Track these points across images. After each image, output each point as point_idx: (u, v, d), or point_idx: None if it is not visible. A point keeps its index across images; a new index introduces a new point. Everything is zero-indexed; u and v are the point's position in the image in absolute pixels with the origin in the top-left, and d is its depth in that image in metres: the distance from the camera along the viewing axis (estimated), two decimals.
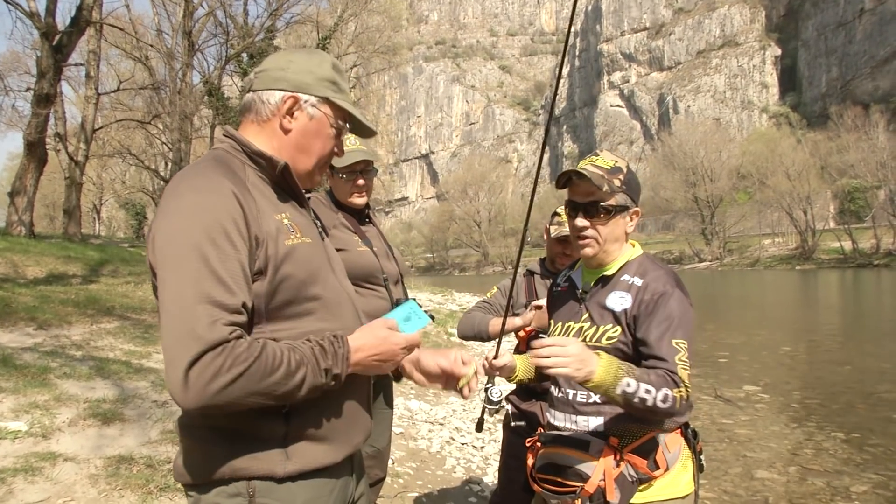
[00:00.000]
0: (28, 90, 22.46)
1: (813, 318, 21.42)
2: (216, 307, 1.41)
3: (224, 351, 1.38)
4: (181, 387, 1.37)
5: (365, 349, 1.62)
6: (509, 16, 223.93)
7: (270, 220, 1.57)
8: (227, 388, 1.38)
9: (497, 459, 5.80)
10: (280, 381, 1.45)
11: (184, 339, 1.38)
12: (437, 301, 22.00)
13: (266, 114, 1.71)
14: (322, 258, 1.72)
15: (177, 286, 1.43)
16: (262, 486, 1.53)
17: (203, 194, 1.50)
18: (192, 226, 1.46)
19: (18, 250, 13.93)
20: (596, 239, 2.23)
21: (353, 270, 3.00)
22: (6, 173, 68.84)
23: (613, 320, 2.19)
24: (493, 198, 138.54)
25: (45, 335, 7.67)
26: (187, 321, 1.39)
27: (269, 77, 1.71)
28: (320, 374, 1.51)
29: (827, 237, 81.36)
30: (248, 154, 1.67)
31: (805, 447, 6.86)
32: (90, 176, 43.96)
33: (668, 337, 2.07)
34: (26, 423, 4.69)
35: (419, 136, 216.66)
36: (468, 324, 3.45)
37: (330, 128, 1.75)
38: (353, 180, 3.17)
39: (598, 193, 2.19)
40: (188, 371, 1.36)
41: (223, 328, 1.40)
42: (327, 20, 34.42)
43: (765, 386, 9.96)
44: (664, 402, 1.96)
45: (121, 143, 36.30)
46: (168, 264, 1.46)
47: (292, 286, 1.58)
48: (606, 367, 1.95)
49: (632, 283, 2.22)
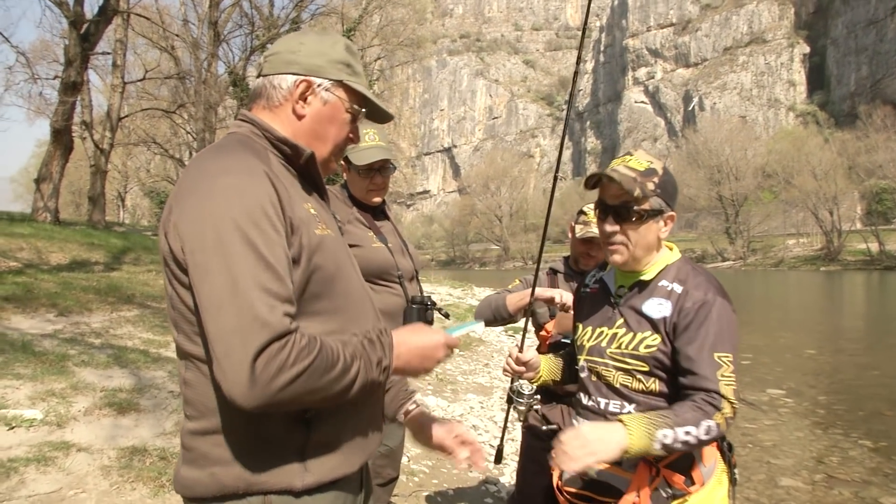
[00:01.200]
0: (56, 78, 22.63)
1: (838, 321, 21.09)
2: (271, 296, 1.29)
3: (289, 343, 1.28)
4: (247, 380, 1.24)
5: (407, 343, 1.55)
6: (534, 10, 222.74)
7: (300, 209, 1.47)
8: (292, 384, 1.28)
9: (514, 459, 5.72)
10: (338, 378, 1.36)
11: (246, 327, 1.25)
12: (457, 295, 21.91)
13: (278, 99, 1.61)
14: (345, 254, 1.64)
15: (225, 272, 1.29)
16: (278, 501, 1.42)
17: (238, 175, 1.39)
18: (232, 208, 1.33)
19: (43, 236, 14.04)
20: (626, 245, 2.09)
21: (368, 267, 2.92)
22: (33, 160, 69.82)
23: (652, 328, 2.06)
24: (515, 192, 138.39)
25: (66, 322, 7.69)
26: (247, 307, 1.26)
27: (279, 60, 1.62)
28: (373, 368, 1.45)
29: (853, 238, 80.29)
30: (271, 140, 1.57)
31: (831, 454, 6.70)
32: (115, 164, 44.42)
33: (710, 350, 1.94)
34: (42, 410, 4.68)
35: (442, 129, 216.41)
36: (485, 306, 3.33)
37: (345, 113, 1.65)
38: (370, 178, 3.08)
39: (629, 196, 2.05)
40: (254, 362, 1.24)
41: (283, 318, 1.29)
42: (352, 12, 34.38)
43: (789, 390, 9.77)
44: (708, 434, 1.86)
45: (146, 131, 36.61)
46: (209, 249, 1.31)
47: (322, 278, 1.49)
48: (637, 431, 1.84)
49: (671, 290, 2.08)
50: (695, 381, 1.93)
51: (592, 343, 2.17)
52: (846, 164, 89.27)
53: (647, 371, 2.03)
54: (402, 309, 2.99)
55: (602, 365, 2.13)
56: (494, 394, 8.35)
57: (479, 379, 9.28)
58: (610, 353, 2.11)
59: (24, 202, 69.58)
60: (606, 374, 2.12)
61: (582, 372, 2.21)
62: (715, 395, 1.89)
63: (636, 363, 2.05)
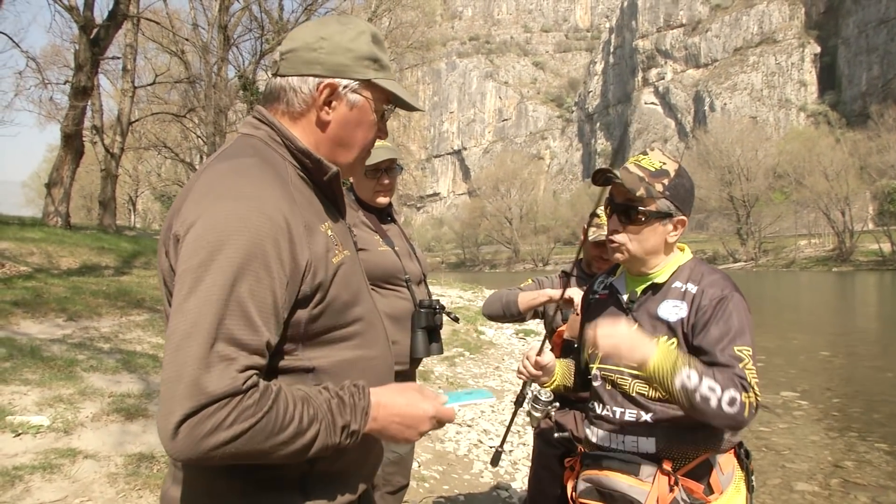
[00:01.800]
0: (66, 83, 22.74)
1: (851, 322, 20.89)
2: (234, 346, 1.18)
3: (230, 403, 1.16)
4: (168, 437, 1.14)
5: (388, 407, 1.38)
6: (543, 12, 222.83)
7: (318, 237, 1.36)
8: (226, 445, 1.16)
9: (525, 465, 5.65)
10: (288, 441, 1.23)
11: (183, 385, 1.14)
12: (467, 298, 21.83)
13: (299, 105, 1.46)
14: (359, 274, 1.53)
15: (195, 313, 1.18)
16: None
17: (245, 203, 1.26)
18: (228, 242, 1.21)
19: (54, 241, 14.06)
20: (626, 246, 2.03)
21: (374, 271, 2.87)
22: (44, 165, 70.25)
23: (668, 331, 1.99)
24: (525, 194, 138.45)
25: (75, 327, 7.68)
26: (193, 365, 1.15)
27: (298, 60, 1.45)
28: (335, 433, 1.29)
29: (865, 239, 79.79)
30: (292, 151, 1.44)
31: (847, 458, 6.59)
32: (126, 168, 44.63)
33: (730, 344, 1.88)
34: (49, 417, 4.65)
35: (451, 131, 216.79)
36: (495, 301, 3.24)
37: (373, 113, 1.51)
38: (377, 179, 3.03)
39: (633, 196, 1.99)
40: (180, 424, 1.13)
41: (236, 375, 1.17)
42: (362, 15, 34.42)
43: (803, 392, 9.66)
44: (731, 406, 1.77)
45: (156, 135, 36.70)
46: (188, 282, 1.21)
47: (337, 309, 1.39)
48: (665, 353, 1.80)
49: (685, 290, 2.02)
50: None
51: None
52: (858, 164, 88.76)
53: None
54: (411, 313, 2.94)
55: (617, 373, 2.06)
56: (506, 397, 8.28)
57: (490, 382, 9.21)
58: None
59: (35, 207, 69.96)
60: (622, 382, 2.05)
61: (595, 381, 2.14)
62: (744, 380, 1.82)
63: None
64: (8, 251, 11.57)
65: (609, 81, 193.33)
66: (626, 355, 1.82)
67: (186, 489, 1.37)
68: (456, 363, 10.01)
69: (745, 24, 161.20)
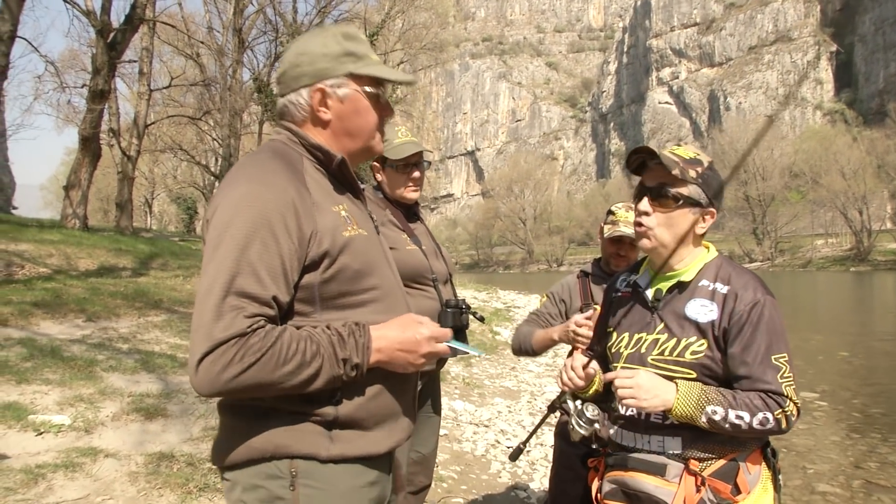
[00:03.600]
0: (83, 86, 22.87)
1: (870, 322, 20.67)
2: (243, 297, 1.43)
3: (237, 343, 1.40)
4: (193, 374, 1.41)
5: (388, 338, 1.58)
6: (556, 12, 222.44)
7: (327, 214, 1.58)
8: (239, 376, 1.40)
9: (543, 465, 5.64)
10: (294, 371, 1.45)
11: (202, 332, 1.41)
12: (482, 299, 21.80)
13: (301, 115, 1.71)
14: (378, 251, 1.72)
15: (212, 275, 1.45)
16: (304, 467, 1.51)
17: (254, 184, 1.52)
18: (238, 215, 1.47)
19: (72, 242, 14.16)
20: (654, 231, 2.00)
21: (403, 270, 2.84)
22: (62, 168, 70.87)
23: (697, 332, 1.95)
24: (539, 195, 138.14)
25: (94, 327, 7.74)
26: (209, 316, 1.41)
27: (289, 78, 1.70)
28: (338, 365, 1.50)
29: (883, 238, 79.02)
30: (306, 147, 1.68)
31: (869, 460, 6.52)
32: (142, 170, 44.92)
33: (767, 354, 1.88)
34: (70, 416, 4.69)
35: (465, 132, 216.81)
36: (517, 340, 3.39)
37: (365, 99, 1.71)
38: (407, 173, 3.02)
39: (668, 177, 1.98)
40: (200, 362, 1.39)
41: (244, 320, 1.41)
42: (375, 17, 34.52)
43: (822, 393, 9.56)
44: (762, 425, 1.85)
45: (172, 138, 36.93)
46: (209, 251, 1.48)
47: (347, 277, 1.59)
48: (686, 398, 1.83)
49: (714, 290, 1.98)
50: (754, 385, 1.88)
51: (631, 350, 2.06)
52: (875, 162, 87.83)
53: (694, 378, 1.94)
54: (437, 313, 2.93)
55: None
56: (522, 398, 8.26)
57: (506, 382, 9.19)
58: (652, 360, 2.00)
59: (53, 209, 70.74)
60: None
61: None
62: (779, 397, 1.86)
63: (682, 370, 1.95)
64: (28, 253, 11.67)
65: (623, 81, 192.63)
66: (647, 406, 1.87)
67: (227, 435, 1.57)
68: (472, 364, 10.00)
69: (759, 23, 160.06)
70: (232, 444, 1.54)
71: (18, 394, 5.04)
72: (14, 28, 12.67)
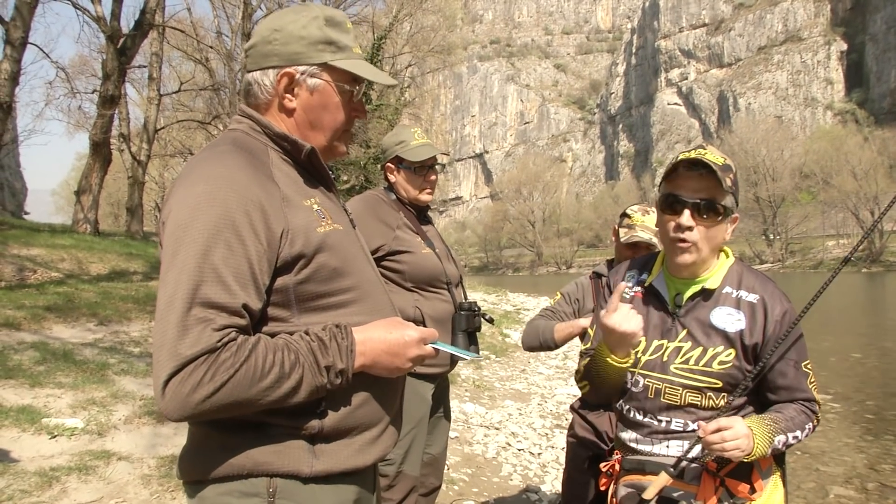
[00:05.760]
0: (94, 92, 23.08)
1: (883, 324, 20.52)
2: (209, 308, 1.28)
3: (207, 360, 1.25)
4: (159, 397, 1.26)
5: (372, 340, 1.44)
6: (564, 14, 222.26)
7: (299, 210, 1.44)
8: (211, 397, 1.26)
9: (555, 467, 5.63)
10: (272, 386, 1.31)
11: (166, 350, 1.26)
12: (492, 301, 21.80)
13: (264, 96, 1.55)
14: (356, 246, 1.59)
15: (173, 284, 1.29)
16: (284, 486, 1.39)
17: (214, 183, 1.35)
18: (197, 216, 1.32)
19: (83, 247, 14.25)
20: (698, 245, 1.89)
21: (420, 274, 2.88)
22: (73, 173, 71.27)
23: (725, 342, 1.89)
24: (548, 197, 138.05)
25: (106, 331, 7.78)
26: (173, 331, 1.26)
27: (258, 54, 1.54)
28: (320, 373, 1.36)
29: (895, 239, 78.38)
30: (271, 136, 1.53)
31: (883, 462, 6.47)
32: (152, 175, 45.08)
33: (798, 362, 1.94)
34: (83, 419, 4.71)
35: (473, 135, 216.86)
36: (532, 333, 3.28)
37: (337, 95, 1.56)
38: (424, 176, 3.03)
39: (716, 190, 1.86)
40: (166, 384, 1.25)
41: (212, 334, 1.27)
42: (382, 21, 34.55)
43: (835, 395, 9.50)
44: (806, 436, 1.95)
45: (182, 143, 37.13)
46: (166, 258, 1.33)
47: (325, 276, 1.45)
48: (762, 439, 1.83)
49: (740, 298, 1.93)
50: (793, 395, 1.95)
51: (650, 357, 1.97)
52: (887, 162, 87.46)
53: (720, 388, 1.89)
54: (451, 315, 2.94)
55: (666, 382, 1.94)
56: (532, 400, 8.25)
57: (517, 385, 9.18)
58: (675, 369, 1.93)
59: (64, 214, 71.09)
60: (671, 392, 1.93)
61: (635, 386, 2.00)
62: (812, 403, 1.95)
63: (709, 380, 1.89)
64: (40, 258, 11.75)
65: (631, 82, 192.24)
66: (735, 457, 1.81)
67: (199, 446, 1.43)
68: (482, 366, 9.99)
69: (769, 23, 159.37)
70: (203, 456, 1.40)
71: (32, 397, 5.08)
72: (25, 34, 12.75)
